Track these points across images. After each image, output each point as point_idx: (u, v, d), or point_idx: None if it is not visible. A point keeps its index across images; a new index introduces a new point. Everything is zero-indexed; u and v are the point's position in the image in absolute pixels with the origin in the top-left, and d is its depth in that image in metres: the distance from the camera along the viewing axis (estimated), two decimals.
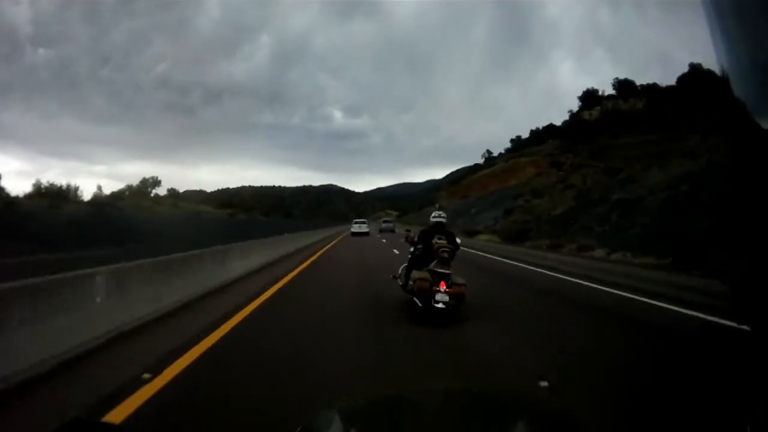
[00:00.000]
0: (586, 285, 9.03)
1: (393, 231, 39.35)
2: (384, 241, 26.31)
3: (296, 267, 11.91)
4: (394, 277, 6.66)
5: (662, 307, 6.64)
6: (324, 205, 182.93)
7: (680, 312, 6.27)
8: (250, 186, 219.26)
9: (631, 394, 3.19)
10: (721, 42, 0.54)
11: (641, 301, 7.20)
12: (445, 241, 5.54)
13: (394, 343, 4.56)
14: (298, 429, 1.03)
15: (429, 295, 5.22)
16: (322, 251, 18.34)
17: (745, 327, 0.54)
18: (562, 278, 10.18)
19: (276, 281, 9.02)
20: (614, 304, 7.18)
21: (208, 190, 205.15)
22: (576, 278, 9.98)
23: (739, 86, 0.52)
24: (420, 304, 5.35)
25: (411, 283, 5.54)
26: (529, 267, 12.77)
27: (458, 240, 5.90)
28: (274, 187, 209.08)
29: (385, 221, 46.48)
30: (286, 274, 10.22)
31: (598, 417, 2.68)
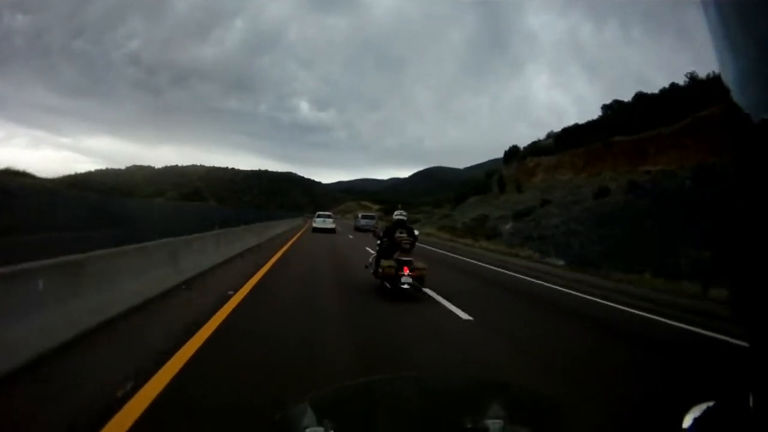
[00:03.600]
0: None
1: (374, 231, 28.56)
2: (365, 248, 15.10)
3: None
4: (366, 266, 7.74)
5: None
6: (280, 193, 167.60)
7: None
8: (201, 165, 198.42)
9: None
10: (722, 43, 0.53)
11: None
12: (405, 235, 6.78)
13: None
14: (276, 416, 1.09)
15: (395, 278, 6.40)
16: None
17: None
18: None
19: None
20: None
21: (157, 167, 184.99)
22: None
23: (741, 89, 0.52)
24: (389, 286, 6.50)
25: (380, 270, 6.66)
26: None
27: (416, 232, 7.16)
28: (226, 168, 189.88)
29: (365, 216, 35.64)
30: None
31: None
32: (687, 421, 0.64)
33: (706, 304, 7.57)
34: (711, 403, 0.64)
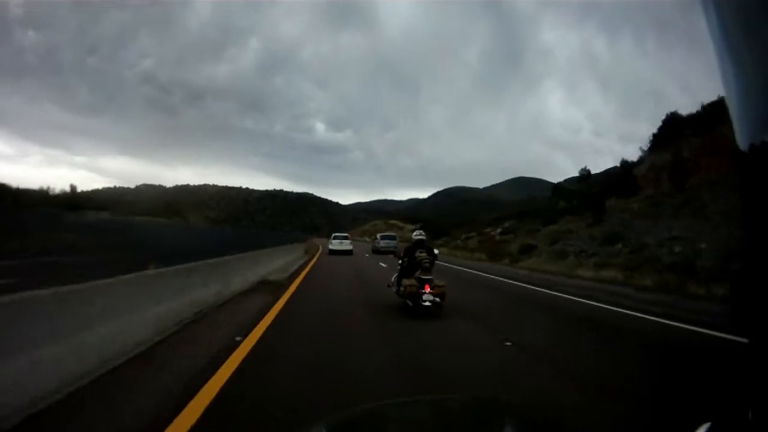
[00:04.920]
0: None
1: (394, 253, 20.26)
2: None
3: None
4: (389, 285, 7.70)
5: None
6: (296, 213, 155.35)
7: None
8: (213, 185, 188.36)
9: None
10: (726, 61, 0.55)
11: None
12: (425, 254, 6.85)
13: None
14: None
15: (417, 296, 6.46)
16: None
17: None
18: None
19: None
20: None
21: (167, 186, 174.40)
22: None
23: (745, 105, 0.55)
24: (411, 304, 6.57)
25: (402, 289, 6.79)
26: None
27: (436, 251, 7.24)
28: (240, 188, 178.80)
29: (385, 237, 31.11)
30: None
31: None
32: None
33: None
34: (708, 425, 0.67)
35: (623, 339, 5.57)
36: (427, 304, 6.39)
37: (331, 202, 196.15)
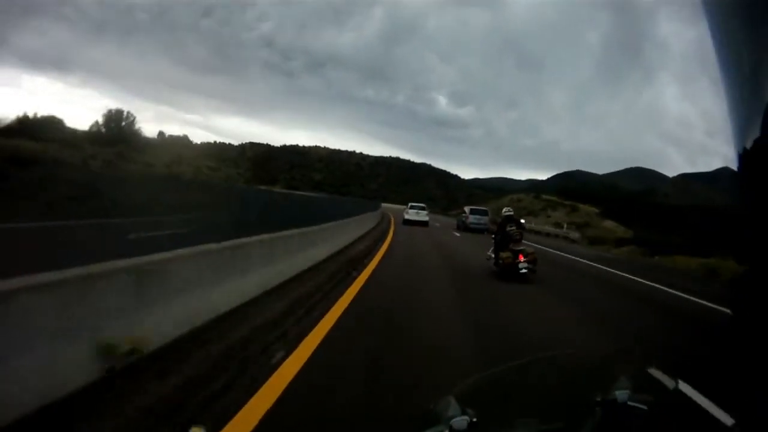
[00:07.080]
0: None
1: (488, 229, 24.98)
2: None
3: None
4: (487, 259, 9.19)
5: None
6: (411, 182, 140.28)
7: None
8: (324, 147, 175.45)
9: None
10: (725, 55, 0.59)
11: None
12: (515, 227, 8.45)
13: None
14: (424, 411, 1.12)
15: (514, 266, 8.04)
16: None
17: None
18: None
19: None
20: None
21: (274, 145, 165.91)
22: None
23: (741, 104, 0.58)
24: (510, 273, 8.15)
25: (500, 261, 8.35)
26: None
27: (523, 221, 9.00)
28: (353, 153, 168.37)
29: (475, 211, 25.68)
30: None
31: None
32: None
33: None
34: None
35: None
36: (524, 271, 8.09)
37: (449, 174, 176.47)
